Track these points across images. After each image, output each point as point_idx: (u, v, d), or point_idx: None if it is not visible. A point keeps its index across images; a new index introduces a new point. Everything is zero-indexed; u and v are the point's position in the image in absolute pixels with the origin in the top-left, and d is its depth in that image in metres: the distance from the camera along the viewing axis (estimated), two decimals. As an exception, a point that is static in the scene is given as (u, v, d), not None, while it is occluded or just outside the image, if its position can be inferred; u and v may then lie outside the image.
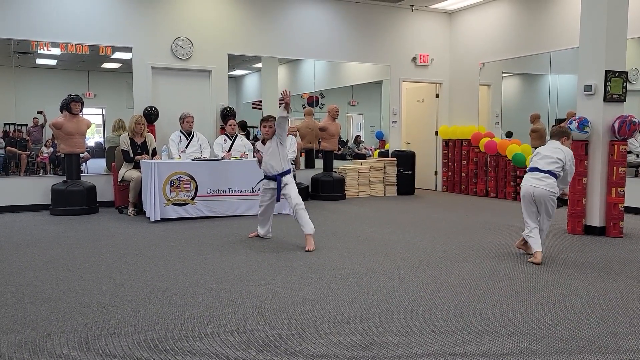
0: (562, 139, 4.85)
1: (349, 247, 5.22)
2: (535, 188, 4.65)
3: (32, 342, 2.82)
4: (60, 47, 7.90)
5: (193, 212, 6.90)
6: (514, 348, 2.75)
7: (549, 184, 4.62)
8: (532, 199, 4.69)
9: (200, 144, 7.82)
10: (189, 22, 8.62)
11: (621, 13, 5.86)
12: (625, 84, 5.93)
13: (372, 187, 9.70)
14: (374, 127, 11.38)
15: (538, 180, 4.66)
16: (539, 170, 4.70)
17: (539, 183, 4.64)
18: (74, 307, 3.37)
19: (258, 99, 10.24)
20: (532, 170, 4.76)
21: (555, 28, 8.74)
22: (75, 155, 7.50)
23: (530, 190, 4.69)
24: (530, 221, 4.73)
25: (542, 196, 4.62)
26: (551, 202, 4.65)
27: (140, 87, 8.37)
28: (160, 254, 4.93)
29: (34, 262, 4.62)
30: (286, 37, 9.33)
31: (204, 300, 3.52)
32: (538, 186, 4.63)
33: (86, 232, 6.04)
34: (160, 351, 2.70)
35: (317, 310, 3.32)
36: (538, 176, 4.68)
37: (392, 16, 10.21)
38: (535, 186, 4.65)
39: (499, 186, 9.42)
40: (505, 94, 10.10)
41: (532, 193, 4.67)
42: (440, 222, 6.76)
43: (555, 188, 4.64)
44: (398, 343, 2.81)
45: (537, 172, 4.70)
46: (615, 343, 2.84)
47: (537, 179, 4.67)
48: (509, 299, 3.60)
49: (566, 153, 4.72)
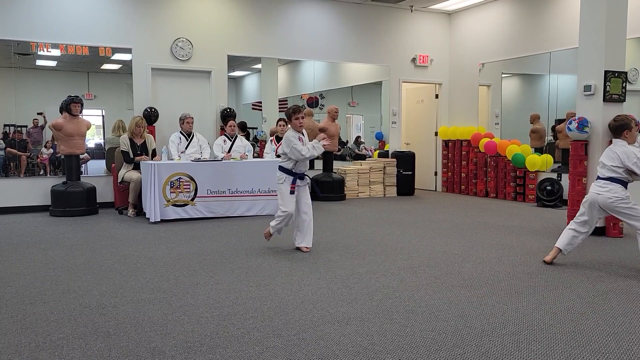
0: (623, 133, 4.48)
1: (349, 248, 5.22)
2: (598, 195, 4.41)
3: (32, 343, 2.82)
4: (60, 49, 7.91)
5: (193, 213, 6.90)
6: (514, 348, 2.75)
7: (611, 190, 4.35)
8: (596, 206, 4.44)
9: (200, 144, 7.83)
10: (189, 23, 8.63)
11: (620, 13, 5.86)
12: (625, 84, 5.93)
13: (372, 187, 9.70)
14: (373, 127, 11.38)
15: (599, 188, 4.42)
16: (599, 178, 4.47)
17: (600, 190, 4.41)
18: (74, 308, 3.37)
19: (258, 100, 10.24)
20: (597, 178, 4.53)
21: (555, 28, 8.74)
22: (75, 156, 7.51)
23: (594, 197, 4.44)
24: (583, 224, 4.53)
25: (605, 205, 4.39)
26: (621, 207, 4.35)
27: (140, 88, 8.37)
28: (160, 255, 4.93)
29: (33, 263, 4.62)
30: (286, 38, 9.34)
31: (204, 301, 3.52)
32: (601, 193, 4.39)
33: (86, 233, 6.04)
34: (160, 352, 2.70)
35: (317, 311, 3.32)
36: (599, 183, 4.45)
37: (391, 17, 10.21)
38: (598, 193, 4.42)
39: (498, 186, 9.42)
40: (505, 94, 10.10)
41: (596, 200, 4.42)
42: (440, 223, 6.76)
43: (620, 192, 4.34)
44: (398, 343, 2.81)
45: (599, 180, 4.47)
46: (615, 343, 2.84)
47: (599, 187, 4.44)
48: (509, 299, 3.60)
49: (620, 154, 4.36)
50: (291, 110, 5.01)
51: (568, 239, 4.58)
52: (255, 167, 7.28)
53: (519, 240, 5.66)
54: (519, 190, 9.05)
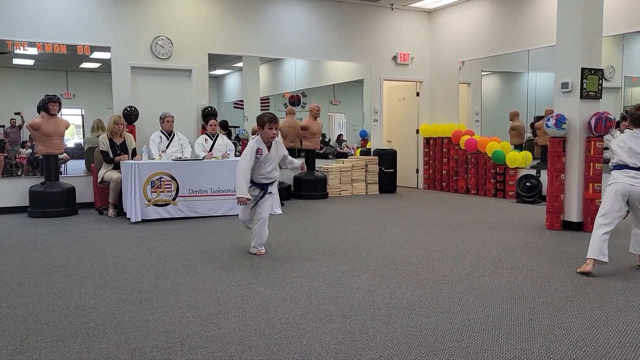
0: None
1: (331, 246, 5.23)
2: (632, 187, 4.10)
3: (9, 346, 2.78)
4: (37, 47, 7.78)
5: (174, 213, 6.85)
6: (494, 343, 2.79)
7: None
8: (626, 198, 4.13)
9: (181, 144, 7.77)
10: (169, 21, 8.55)
11: (596, 11, 5.95)
12: (601, 81, 6.02)
13: (354, 185, 9.73)
14: (355, 126, 11.41)
15: (633, 179, 4.11)
16: (630, 168, 4.13)
17: (634, 181, 4.10)
18: (53, 310, 3.33)
19: (240, 98, 10.20)
20: (623, 167, 4.17)
21: (533, 26, 8.85)
22: (54, 156, 7.40)
23: (627, 188, 4.11)
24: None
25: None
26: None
27: (119, 87, 8.28)
28: (141, 255, 4.89)
29: (11, 265, 4.55)
30: (267, 36, 9.30)
31: (185, 301, 3.50)
32: (636, 184, 4.09)
33: (65, 234, 5.96)
34: (140, 353, 2.68)
35: (299, 309, 3.32)
36: (631, 174, 4.13)
37: (372, 15, 10.24)
38: (632, 184, 4.10)
39: (479, 183, 9.52)
40: (485, 92, 10.20)
41: (631, 191, 4.10)
42: (422, 220, 6.81)
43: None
44: (379, 340, 2.83)
45: (629, 170, 4.13)
46: (593, 336, 2.89)
47: (631, 177, 4.12)
48: (489, 294, 3.64)
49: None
50: (266, 118, 4.63)
51: (599, 245, 4.12)
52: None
53: (499, 236, 5.72)
54: (499, 187, 9.14)
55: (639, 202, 4.14)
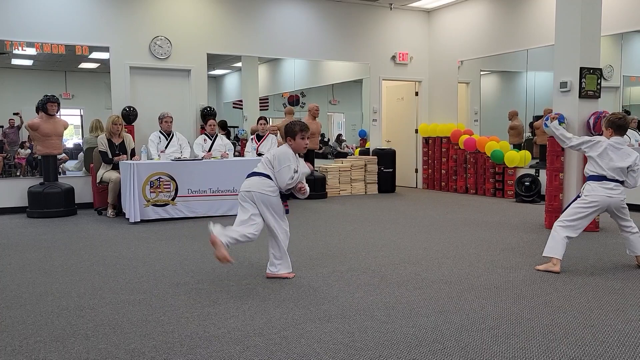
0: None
1: (330, 246, 5.23)
2: (610, 198, 4.16)
3: (8, 346, 2.77)
4: (35, 47, 7.78)
5: (173, 213, 6.85)
6: (493, 342, 2.79)
7: (623, 192, 4.20)
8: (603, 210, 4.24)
9: (180, 144, 7.77)
10: (167, 21, 8.55)
11: (595, 10, 5.95)
12: (600, 80, 6.02)
13: (353, 185, 9.73)
14: (355, 125, 11.41)
15: (610, 190, 4.16)
16: (610, 180, 4.16)
17: (612, 192, 4.16)
18: (52, 311, 3.33)
19: (238, 98, 10.20)
20: (601, 179, 4.20)
21: (532, 26, 8.85)
22: (53, 156, 7.40)
23: (606, 201, 4.17)
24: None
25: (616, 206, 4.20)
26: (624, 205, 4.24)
27: (118, 87, 8.28)
28: (140, 255, 4.89)
29: (10, 265, 4.55)
30: (266, 36, 9.30)
31: (184, 301, 3.50)
32: (613, 196, 4.15)
33: (64, 235, 5.96)
34: (139, 353, 2.68)
35: (298, 309, 3.32)
36: (610, 185, 4.16)
37: (371, 15, 10.24)
38: (610, 196, 4.15)
39: (478, 183, 9.52)
40: (484, 91, 10.20)
41: (608, 204, 4.18)
42: (421, 219, 6.81)
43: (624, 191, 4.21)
44: (379, 340, 2.82)
45: (608, 182, 4.16)
46: (592, 335, 2.89)
47: (609, 189, 4.16)
48: (488, 294, 3.64)
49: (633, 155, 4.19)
50: (297, 128, 3.89)
51: (564, 247, 4.23)
52: (237, 166, 7.24)
53: (498, 235, 5.72)
54: (498, 186, 9.15)
55: (617, 211, 4.22)
